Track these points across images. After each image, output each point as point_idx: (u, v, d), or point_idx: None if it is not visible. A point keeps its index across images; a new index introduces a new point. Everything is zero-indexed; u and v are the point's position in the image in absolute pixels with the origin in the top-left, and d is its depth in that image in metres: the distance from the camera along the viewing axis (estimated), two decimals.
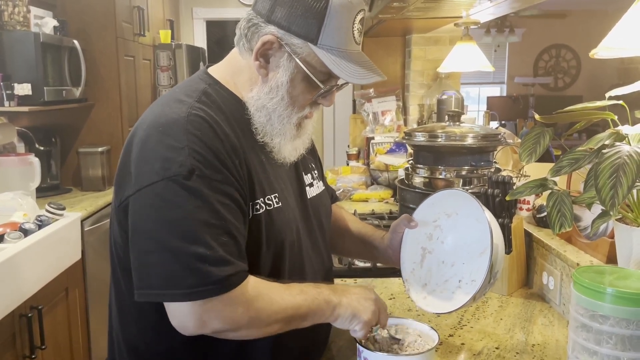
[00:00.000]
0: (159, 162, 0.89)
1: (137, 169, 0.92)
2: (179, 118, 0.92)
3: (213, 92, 1.01)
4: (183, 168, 0.88)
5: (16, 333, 1.88)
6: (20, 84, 2.55)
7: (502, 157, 2.21)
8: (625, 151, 0.96)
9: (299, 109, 1.02)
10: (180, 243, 0.87)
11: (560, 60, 8.01)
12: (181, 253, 0.87)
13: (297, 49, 0.96)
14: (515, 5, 2.13)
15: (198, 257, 0.87)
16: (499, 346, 1.18)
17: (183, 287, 0.87)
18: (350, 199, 2.57)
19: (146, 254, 0.90)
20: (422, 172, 1.66)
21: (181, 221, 0.88)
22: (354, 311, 1.01)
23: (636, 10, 1.03)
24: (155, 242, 0.88)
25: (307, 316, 0.97)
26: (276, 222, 1.01)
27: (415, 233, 1.19)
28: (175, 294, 0.88)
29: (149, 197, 0.89)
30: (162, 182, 0.88)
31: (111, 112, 3.22)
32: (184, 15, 4.91)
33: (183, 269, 0.87)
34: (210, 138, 0.92)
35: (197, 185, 0.88)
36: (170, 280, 0.87)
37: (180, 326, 0.91)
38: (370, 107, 3.14)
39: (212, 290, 0.87)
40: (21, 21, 2.67)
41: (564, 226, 1.04)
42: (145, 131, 0.94)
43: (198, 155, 0.90)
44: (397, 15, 2.31)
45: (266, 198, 1.00)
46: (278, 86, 0.99)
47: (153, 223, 0.89)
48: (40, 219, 2.17)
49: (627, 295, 0.90)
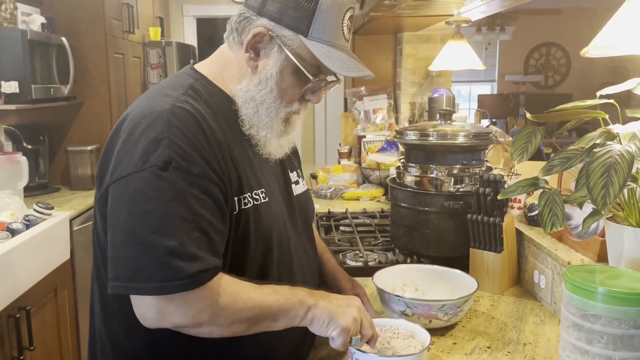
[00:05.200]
0: (139, 153, 0.89)
1: (117, 159, 0.92)
2: (163, 110, 0.92)
3: (200, 87, 1.01)
4: (159, 159, 0.87)
5: (4, 334, 1.86)
6: (7, 82, 2.52)
7: (494, 156, 2.21)
8: (616, 150, 0.96)
9: (287, 104, 1.02)
10: (150, 236, 0.86)
11: (550, 59, 8.05)
12: (151, 246, 0.86)
13: (288, 40, 0.97)
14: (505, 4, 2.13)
15: (168, 251, 0.85)
16: (490, 345, 1.18)
17: (151, 281, 0.86)
18: (341, 198, 2.57)
19: (118, 245, 0.89)
20: (414, 170, 1.66)
21: (153, 213, 0.87)
22: (332, 315, 0.96)
23: (626, 9, 1.03)
24: (127, 234, 0.87)
25: (277, 316, 0.94)
26: (264, 217, 1.00)
27: None
28: (142, 288, 0.87)
29: (124, 187, 0.89)
30: (139, 172, 0.88)
31: (100, 110, 3.20)
32: (174, 13, 4.88)
33: (152, 262, 0.86)
34: (193, 131, 0.91)
35: (173, 178, 0.87)
36: (138, 273, 0.86)
37: (141, 317, 0.90)
38: (362, 105, 3.13)
39: (179, 285, 0.86)
40: (8, 18, 2.63)
41: (555, 225, 1.04)
42: (129, 123, 0.94)
43: (177, 147, 0.89)
44: (389, 13, 2.30)
45: (253, 193, 1.00)
46: (267, 78, 0.99)
47: (126, 214, 0.88)
48: (28, 218, 2.15)
49: (618, 295, 0.90)
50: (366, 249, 1.75)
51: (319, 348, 1.18)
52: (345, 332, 0.96)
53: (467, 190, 1.56)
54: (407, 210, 1.64)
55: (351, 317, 0.97)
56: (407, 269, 1.41)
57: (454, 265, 1.41)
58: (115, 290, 0.89)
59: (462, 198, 1.56)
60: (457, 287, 1.31)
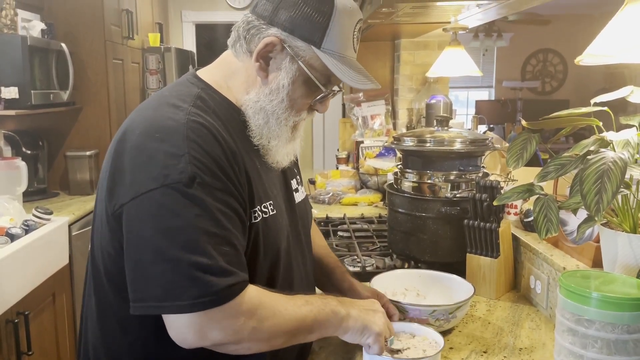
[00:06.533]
0: (158, 169, 0.86)
1: (132, 175, 0.88)
2: (178, 125, 0.89)
3: (207, 97, 0.98)
4: (183, 175, 0.85)
5: (2, 339, 1.86)
6: (7, 88, 2.53)
7: (490, 162, 2.23)
8: (609, 157, 0.98)
9: (297, 113, 1.02)
10: (180, 253, 0.84)
11: (547, 65, 8.10)
12: (182, 263, 0.84)
13: (300, 51, 0.96)
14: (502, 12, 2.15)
15: (199, 267, 0.84)
16: (486, 350, 1.19)
17: (184, 299, 0.83)
18: (339, 203, 2.58)
19: (144, 265, 0.86)
20: (411, 176, 1.67)
21: (181, 230, 0.85)
22: (365, 323, 0.98)
23: (620, 18, 1.05)
24: (154, 252, 0.85)
25: (312, 328, 0.94)
26: (272, 229, 1.00)
27: None
28: (175, 306, 0.84)
29: (146, 204, 0.86)
30: (161, 189, 0.85)
31: (99, 116, 3.21)
32: (173, 19, 4.90)
33: (184, 279, 0.84)
34: (211, 145, 0.89)
35: (198, 193, 0.86)
36: (170, 291, 0.84)
37: (180, 339, 0.88)
38: (360, 111, 3.15)
39: (214, 300, 0.84)
40: (8, 24, 2.65)
41: (550, 231, 1.05)
42: (140, 137, 0.90)
43: (199, 163, 0.87)
44: (386, 21, 2.32)
45: (262, 206, 0.98)
46: (279, 88, 0.98)
47: (152, 232, 0.85)
48: (27, 223, 2.15)
49: (612, 300, 0.92)
50: (364, 254, 1.76)
51: (319, 352, 1.19)
52: (380, 337, 0.99)
53: (464, 196, 1.58)
54: (404, 216, 1.65)
55: (381, 322, 1.00)
56: (406, 274, 1.43)
57: (450, 271, 1.42)
58: (142, 310, 0.86)
59: (459, 204, 1.57)
60: (455, 292, 1.32)
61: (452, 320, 1.24)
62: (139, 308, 0.87)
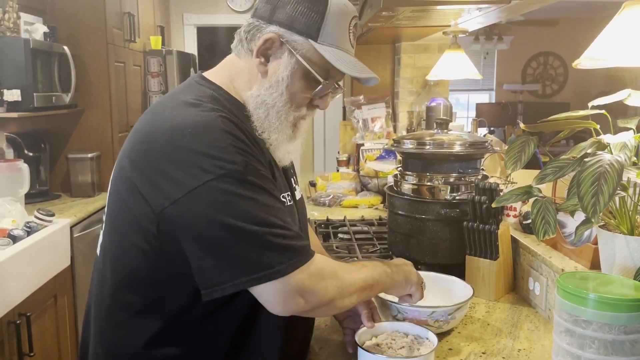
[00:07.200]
0: (207, 160, 0.89)
1: (178, 171, 0.89)
2: (210, 119, 0.93)
3: (220, 97, 1.02)
4: (236, 164, 0.90)
5: (4, 340, 1.88)
6: (9, 90, 2.54)
7: (490, 164, 2.24)
8: (606, 160, 0.99)
9: (296, 108, 1.04)
10: (258, 228, 0.89)
11: (548, 68, 8.11)
12: (263, 236, 0.89)
13: (298, 45, 1.00)
14: (502, 15, 2.16)
15: (278, 235, 0.91)
16: (485, 351, 1.20)
17: (275, 266, 0.89)
18: (340, 205, 2.59)
19: (222, 248, 0.89)
20: (411, 179, 1.68)
21: (250, 210, 0.90)
22: (406, 276, 1.15)
23: (617, 22, 1.06)
24: (231, 234, 0.88)
25: (373, 287, 1.06)
26: (291, 217, 1.03)
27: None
28: (270, 274, 0.89)
29: (206, 195, 0.88)
30: (219, 178, 0.89)
31: (101, 118, 3.22)
32: (174, 22, 4.92)
33: (270, 249, 0.90)
34: (242, 139, 0.95)
35: (253, 178, 0.92)
36: (261, 263, 0.89)
37: (278, 307, 0.93)
38: (360, 114, 3.16)
39: (301, 260, 0.92)
40: (11, 27, 2.66)
41: (547, 233, 1.06)
42: (170, 135, 0.91)
43: (244, 153, 0.92)
44: (387, 24, 2.33)
45: (281, 196, 1.03)
46: (278, 82, 1.01)
47: (222, 216, 0.88)
48: (29, 225, 2.17)
49: (609, 301, 0.92)
50: (364, 256, 1.77)
51: (319, 353, 1.20)
52: (419, 285, 1.17)
53: (463, 198, 1.59)
54: (404, 218, 1.66)
55: (414, 273, 1.18)
56: None
57: (450, 272, 1.42)
58: (231, 289, 0.89)
59: (459, 206, 1.58)
60: (455, 294, 1.33)
61: (451, 321, 1.24)
62: (219, 290, 0.90)
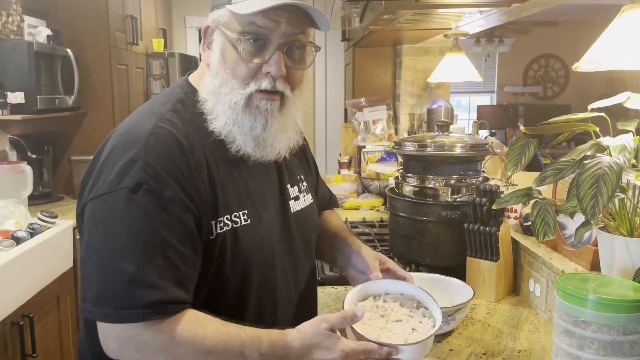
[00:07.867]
0: (114, 173, 0.88)
1: (95, 178, 0.91)
2: (144, 130, 0.91)
3: (188, 101, 1.00)
4: (132, 181, 0.86)
5: (7, 341, 1.88)
6: (13, 93, 2.56)
7: (491, 166, 2.24)
8: (605, 162, 1.00)
9: (241, 82, 0.96)
10: (116, 259, 0.84)
11: (549, 70, 8.11)
12: (115, 270, 0.84)
13: (221, 19, 0.97)
14: (503, 18, 2.17)
15: (128, 276, 0.83)
16: (486, 352, 1.21)
17: (110, 307, 0.84)
18: (341, 207, 2.59)
19: (88, 265, 0.88)
20: (412, 181, 1.69)
21: (121, 236, 0.85)
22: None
23: (617, 25, 1.07)
24: (97, 254, 0.87)
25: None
26: (243, 240, 0.97)
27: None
28: (101, 314, 0.85)
29: (99, 206, 0.88)
30: (113, 193, 0.87)
31: (104, 121, 3.24)
32: (176, 24, 4.94)
33: (113, 287, 0.84)
34: (171, 152, 0.90)
35: (142, 201, 0.86)
36: (101, 297, 0.85)
37: (104, 346, 0.88)
38: (362, 116, 3.17)
39: (135, 315, 0.83)
40: (15, 30, 2.68)
41: (547, 234, 1.07)
42: (114, 141, 0.93)
43: (150, 169, 0.87)
44: (388, 27, 2.34)
45: (232, 215, 0.96)
46: (215, 64, 0.98)
47: (97, 234, 0.87)
48: (32, 227, 2.18)
49: (608, 302, 0.93)
50: None
51: None
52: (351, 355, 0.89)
53: (464, 200, 1.59)
54: (405, 220, 1.67)
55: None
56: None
57: (451, 274, 1.44)
58: (82, 312, 0.88)
59: (459, 208, 1.59)
60: (456, 295, 1.34)
61: (452, 322, 1.25)
62: (81, 309, 0.88)
